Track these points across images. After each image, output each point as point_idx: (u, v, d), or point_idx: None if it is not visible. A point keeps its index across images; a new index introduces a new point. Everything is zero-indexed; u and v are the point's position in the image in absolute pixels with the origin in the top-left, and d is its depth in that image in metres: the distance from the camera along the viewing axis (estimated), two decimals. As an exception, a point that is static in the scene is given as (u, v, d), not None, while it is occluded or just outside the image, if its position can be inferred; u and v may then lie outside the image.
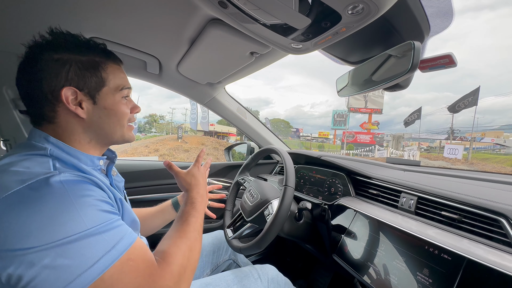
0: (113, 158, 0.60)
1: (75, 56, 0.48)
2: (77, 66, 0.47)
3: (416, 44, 0.50)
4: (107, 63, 0.52)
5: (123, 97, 0.54)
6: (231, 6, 0.47)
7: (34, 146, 0.45)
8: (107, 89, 0.51)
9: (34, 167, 0.40)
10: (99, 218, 0.39)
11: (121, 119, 0.54)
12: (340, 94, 0.82)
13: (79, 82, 0.47)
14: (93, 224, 0.38)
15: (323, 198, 0.99)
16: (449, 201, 0.61)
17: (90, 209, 0.39)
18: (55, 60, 0.46)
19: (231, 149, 1.69)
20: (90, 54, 0.50)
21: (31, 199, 0.36)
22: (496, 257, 0.46)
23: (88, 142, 0.52)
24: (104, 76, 0.51)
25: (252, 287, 0.72)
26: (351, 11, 0.43)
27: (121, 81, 0.54)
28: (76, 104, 0.48)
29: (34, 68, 0.46)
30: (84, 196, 0.40)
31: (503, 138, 36.42)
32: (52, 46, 0.47)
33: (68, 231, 0.35)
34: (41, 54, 0.46)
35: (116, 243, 0.39)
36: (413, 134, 35.38)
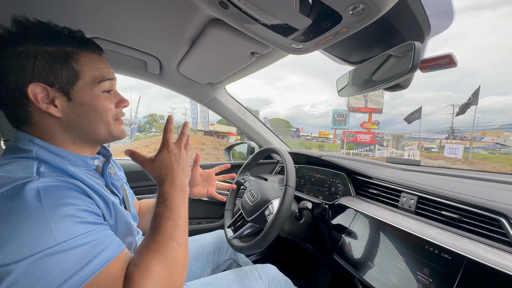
0: (108, 156, 0.56)
1: (41, 47, 0.42)
2: (44, 58, 0.41)
3: (417, 44, 0.50)
4: (80, 52, 0.45)
5: (104, 91, 0.48)
6: (231, 6, 0.47)
7: (19, 148, 0.42)
8: (83, 83, 0.45)
9: (16, 171, 0.37)
10: (74, 231, 0.35)
11: (103, 115, 0.47)
12: (340, 94, 0.82)
13: (48, 76, 0.42)
14: (65, 237, 0.33)
15: (324, 198, 0.99)
16: (449, 200, 0.61)
17: (64, 221, 0.35)
18: (19, 53, 0.41)
19: (231, 149, 1.70)
20: (61, 44, 0.44)
21: (1, 210, 0.33)
22: (496, 256, 0.46)
23: (72, 143, 0.47)
24: (77, 68, 0.44)
25: (252, 286, 0.72)
26: (351, 12, 0.43)
27: (99, 72, 0.47)
28: (48, 102, 0.43)
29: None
30: (60, 206, 0.35)
31: (503, 137, 36.40)
32: (16, 37, 0.42)
33: (36, 247, 0.32)
34: (3, 48, 0.41)
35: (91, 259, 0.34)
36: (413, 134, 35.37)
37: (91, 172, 0.51)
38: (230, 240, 0.88)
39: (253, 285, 0.73)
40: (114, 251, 0.38)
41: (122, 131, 0.52)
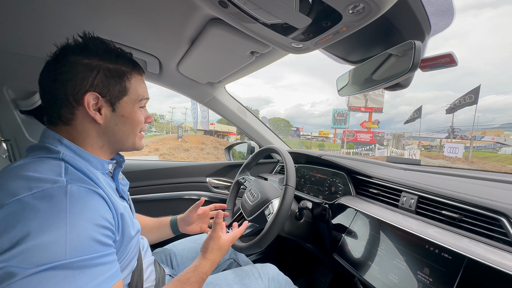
0: (121, 162, 0.60)
1: (104, 63, 0.48)
2: (104, 73, 0.48)
3: (417, 43, 0.50)
4: (133, 73, 0.53)
5: (140, 107, 0.55)
6: (231, 5, 0.47)
7: (47, 148, 0.45)
8: (128, 98, 0.52)
9: (44, 171, 0.40)
10: (83, 250, 0.36)
11: (135, 127, 0.54)
12: (340, 93, 0.82)
13: (103, 89, 0.48)
14: (73, 255, 0.35)
15: (324, 198, 0.99)
16: (450, 200, 0.61)
17: (80, 235, 0.37)
18: (84, 64, 0.46)
19: (231, 149, 1.70)
20: (118, 62, 0.50)
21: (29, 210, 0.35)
22: (497, 256, 0.46)
23: (100, 147, 0.52)
24: (128, 86, 0.51)
25: (253, 286, 0.72)
26: (351, 11, 0.43)
27: (142, 92, 0.54)
28: (96, 110, 0.48)
29: (61, 69, 0.46)
30: (82, 218, 0.38)
31: (504, 136, 36.39)
32: (83, 50, 0.47)
33: (46, 257, 0.33)
34: (71, 56, 0.46)
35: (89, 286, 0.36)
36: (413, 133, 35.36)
37: (105, 175, 0.54)
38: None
39: (253, 284, 0.73)
40: (109, 281, 0.39)
41: (142, 145, 0.59)
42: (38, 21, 0.68)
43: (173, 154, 14.49)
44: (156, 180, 1.35)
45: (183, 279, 0.56)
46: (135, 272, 0.57)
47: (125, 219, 0.49)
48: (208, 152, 15.65)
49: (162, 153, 14.46)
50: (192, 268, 0.60)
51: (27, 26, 0.70)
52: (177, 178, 1.40)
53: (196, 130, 29.63)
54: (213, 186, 1.45)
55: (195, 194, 1.41)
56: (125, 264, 0.52)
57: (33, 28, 0.71)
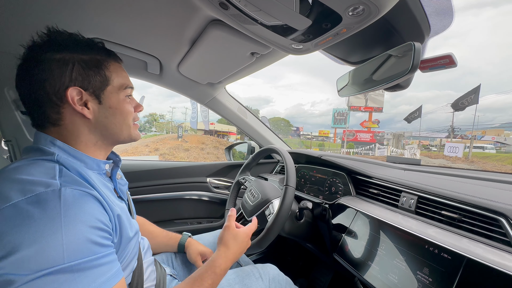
0: (118, 162, 0.59)
1: (77, 55, 0.46)
2: (80, 65, 0.46)
3: (417, 45, 0.50)
4: (109, 61, 0.51)
5: (126, 95, 0.53)
6: (231, 7, 0.47)
7: (42, 150, 0.44)
8: (111, 88, 0.50)
9: (38, 174, 0.39)
10: (81, 252, 0.36)
11: (126, 118, 0.53)
12: (340, 94, 0.82)
13: (84, 81, 0.46)
14: (71, 259, 0.35)
15: (324, 198, 1.00)
16: (449, 200, 0.61)
17: (77, 238, 0.36)
18: (57, 60, 0.45)
19: (231, 149, 1.70)
20: (92, 52, 0.48)
21: (23, 216, 0.35)
22: (496, 256, 0.47)
23: (94, 144, 0.51)
24: (108, 75, 0.50)
25: (253, 286, 0.73)
26: (351, 12, 0.43)
27: (124, 80, 0.53)
28: (82, 105, 0.47)
29: (35, 69, 0.44)
30: (77, 221, 0.37)
31: (504, 136, 36.36)
32: (52, 45, 0.46)
33: (43, 262, 0.33)
34: (41, 54, 0.45)
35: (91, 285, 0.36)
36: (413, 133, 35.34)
37: (102, 176, 0.53)
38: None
39: (253, 284, 0.73)
40: (111, 281, 0.39)
41: (138, 134, 0.58)
42: (38, 22, 0.68)
43: (173, 154, 14.50)
44: (156, 180, 1.35)
45: (196, 275, 0.55)
46: (135, 272, 0.57)
47: (122, 221, 0.48)
48: (208, 152, 15.66)
49: (162, 153, 14.47)
50: (206, 264, 0.59)
51: (28, 28, 0.70)
52: (178, 178, 1.40)
53: (196, 130, 29.64)
54: (214, 186, 1.46)
55: (195, 194, 1.41)
56: (125, 264, 0.52)
57: (34, 29, 0.71)
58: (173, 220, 1.39)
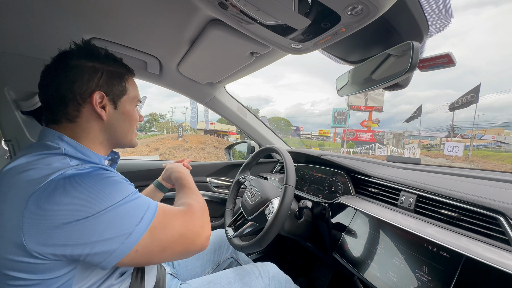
0: (116, 159, 0.65)
1: (105, 66, 0.54)
2: (107, 75, 0.54)
3: (415, 44, 0.50)
4: (129, 75, 0.59)
5: (136, 106, 0.61)
6: (231, 7, 0.47)
7: (48, 146, 0.48)
8: (127, 98, 0.58)
9: (54, 163, 0.44)
10: (130, 189, 0.46)
11: (133, 124, 0.61)
12: (340, 93, 0.83)
13: (107, 88, 0.54)
14: (128, 192, 0.44)
15: (323, 197, 1.00)
16: (448, 199, 0.62)
17: (121, 184, 0.45)
18: (89, 67, 0.52)
19: (231, 148, 1.70)
20: (116, 66, 0.56)
21: (71, 183, 0.40)
22: (494, 254, 0.47)
23: (101, 142, 0.56)
24: (127, 87, 0.58)
25: (253, 284, 0.73)
26: (350, 12, 0.43)
27: (137, 93, 0.61)
28: (101, 107, 0.53)
29: (67, 72, 0.50)
30: (111, 176, 0.45)
31: (504, 135, 36.34)
32: (86, 54, 0.53)
33: (113, 199, 0.41)
34: (73, 60, 0.51)
35: (149, 203, 0.46)
36: (413, 132, 35.33)
37: None
38: (231, 239, 0.89)
39: (253, 283, 0.73)
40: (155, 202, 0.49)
41: (136, 142, 0.65)
42: (38, 23, 0.68)
43: (173, 154, 14.50)
44: (156, 180, 1.35)
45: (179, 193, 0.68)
46: (137, 271, 0.57)
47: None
48: (208, 152, 15.66)
49: (162, 153, 14.48)
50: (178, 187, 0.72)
51: (28, 28, 0.70)
52: None
53: (196, 129, 29.63)
54: (214, 186, 1.46)
55: (195, 193, 1.41)
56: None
57: (34, 29, 0.71)
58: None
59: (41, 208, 0.38)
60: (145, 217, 0.44)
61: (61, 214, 0.38)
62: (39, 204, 0.38)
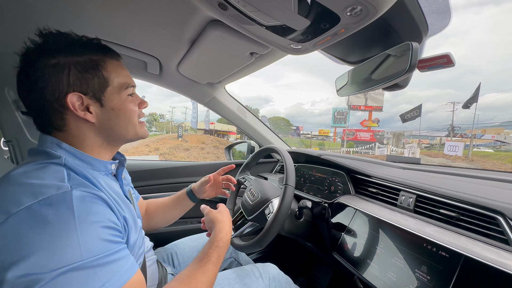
0: (123, 161, 0.59)
1: (71, 58, 0.45)
2: (76, 68, 0.44)
3: (414, 45, 0.50)
4: (106, 60, 0.48)
5: (128, 94, 0.51)
6: (230, 8, 0.47)
7: (48, 154, 0.44)
8: (112, 89, 0.49)
9: (47, 177, 0.40)
10: (98, 249, 0.37)
11: (131, 117, 0.52)
12: (339, 93, 0.83)
13: (82, 85, 0.45)
14: (89, 255, 0.36)
15: (323, 197, 1.00)
16: (448, 199, 0.62)
17: (91, 237, 0.37)
18: (52, 65, 0.43)
19: (231, 148, 1.70)
20: (87, 52, 0.46)
21: (37, 218, 0.35)
22: (493, 254, 0.47)
23: (100, 145, 0.51)
24: (106, 76, 0.48)
25: (253, 285, 0.73)
26: (349, 13, 0.43)
27: (125, 79, 0.51)
28: (84, 109, 0.46)
29: (32, 78, 0.43)
30: (89, 222, 0.38)
31: (504, 134, 36.33)
32: (46, 50, 0.44)
33: (63, 260, 0.34)
34: (36, 61, 0.43)
35: (111, 280, 0.37)
36: (413, 132, 35.34)
37: (108, 176, 0.53)
38: (231, 239, 0.89)
39: (253, 284, 0.73)
40: (129, 272, 0.40)
41: (145, 132, 0.57)
42: (38, 23, 0.68)
43: (173, 154, 14.50)
44: (156, 180, 1.35)
45: (201, 255, 0.56)
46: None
47: (128, 222, 0.49)
48: (208, 152, 15.66)
49: (162, 153, 14.47)
50: (208, 242, 0.60)
51: (28, 28, 0.70)
52: (178, 178, 1.40)
53: (196, 129, 29.63)
54: (214, 186, 1.46)
55: (195, 193, 1.42)
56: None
57: (34, 29, 0.71)
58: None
59: (5, 237, 0.34)
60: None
61: (12, 254, 0.33)
62: (2, 237, 0.34)
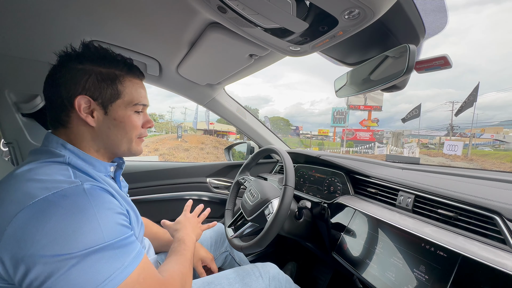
0: (121, 164, 0.62)
1: (97, 68, 0.50)
2: (96, 77, 0.50)
3: (411, 47, 0.51)
4: (127, 77, 0.53)
5: (136, 111, 0.55)
6: (230, 11, 0.48)
7: (52, 152, 0.47)
8: (121, 102, 0.52)
9: (55, 174, 0.42)
10: (116, 232, 0.41)
11: (129, 132, 0.54)
12: (338, 94, 0.83)
13: (95, 92, 0.50)
14: (110, 238, 0.40)
15: (323, 197, 1.00)
16: (446, 199, 0.62)
17: (109, 222, 0.41)
18: (78, 69, 0.49)
19: (231, 149, 1.71)
20: (112, 66, 0.52)
21: (57, 207, 0.38)
22: (490, 253, 0.48)
23: (96, 151, 0.53)
24: (121, 89, 0.52)
25: (253, 285, 0.74)
26: (347, 16, 0.44)
27: (137, 96, 0.54)
28: (88, 113, 0.50)
29: (57, 75, 0.49)
30: (105, 209, 0.42)
31: (503, 133, 36.40)
32: (79, 57, 0.50)
33: (88, 242, 0.37)
34: (66, 62, 0.50)
35: (128, 261, 0.41)
36: (412, 131, 35.40)
37: (108, 177, 0.56)
38: (231, 240, 0.89)
39: (254, 283, 0.74)
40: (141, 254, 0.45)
41: (139, 150, 0.59)
42: (39, 25, 0.69)
43: (173, 154, 14.49)
44: (156, 181, 1.36)
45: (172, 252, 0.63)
46: None
47: (131, 216, 0.52)
48: (208, 152, 15.65)
49: (162, 153, 14.46)
50: (175, 242, 0.68)
51: (28, 30, 0.71)
52: (177, 178, 1.41)
53: (195, 129, 29.60)
54: (213, 186, 1.47)
55: (195, 194, 1.42)
56: None
57: (34, 32, 0.72)
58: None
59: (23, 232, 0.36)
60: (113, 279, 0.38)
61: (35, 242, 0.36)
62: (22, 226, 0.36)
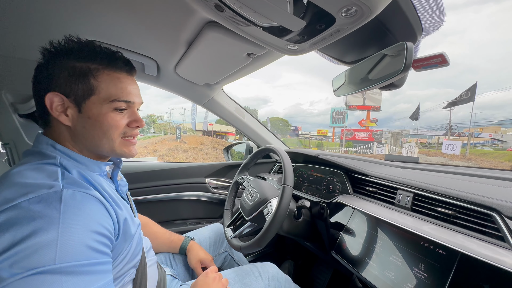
0: (118, 163, 0.58)
1: (70, 62, 0.46)
2: (67, 72, 0.46)
3: (409, 45, 0.51)
4: (104, 70, 0.48)
5: (116, 108, 0.49)
6: (227, 9, 0.48)
7: (44, 154, 0.46)
8: (96, 98, 0.47)
9: (41, 178, 0.40)
10: (75, 255, 0.35)
11: (108, 131, 0.49)
12: (336, 93, 0.83)
13: (66, 88, 0.46)
14: (63, 260, 0.34)
15: (322, 196, 1.00)
16: (444, 197, 0.62)
17: (72, 241, 0.36)
18: (52, 65, 0.47)
19: (230, 149, 1.70)
20: (89, 60, 0.47)
21: (24, 215, 0.35)
22: (488, 251, 0.48)
23: (80, 151, 0.49)
24: (94, 84, 0.47)
25: (253, 285, 0.73)
26: (344, 14, 0.44)
27: (116, 92, 0.48)
28: (62, 111, 0.46)
29: (37, 72, 0.48)
30: (75, 224, 0.37)
31: (501, 133, 36.55)
32: (58, 52, 0.47)
33: (36, 261, 0.33)
34: (47, 59, 0.48)
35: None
36: (411, 131, 35.50)
37: (104, 177, 0.53)
38: (230, 240, 0.89)
39: (253, 283, 0.74)
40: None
41: (127, 151, 0.53)
42: (36, 25, 0.68)
43: (172, 155, 14.47)
44: (155, 182, 1.35)
45: None
46: (139, 269, 0.58)
47: (127, 221, 0.49)
48: (207, 153, 15.64)
49: (161, 154, 14.44)
50: None
51: (25, 30, 0.70)
52: (177, 179, 1.40)
53: (194, 130, 29.59)
54: (212, 187, 1.46)
55: (194, 194, 1.42)
56: (130, 259, 0.52)
57: (31, 32, 0.71)
58: (172, 221, 1.39)
59: None
60: None
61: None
62: None
